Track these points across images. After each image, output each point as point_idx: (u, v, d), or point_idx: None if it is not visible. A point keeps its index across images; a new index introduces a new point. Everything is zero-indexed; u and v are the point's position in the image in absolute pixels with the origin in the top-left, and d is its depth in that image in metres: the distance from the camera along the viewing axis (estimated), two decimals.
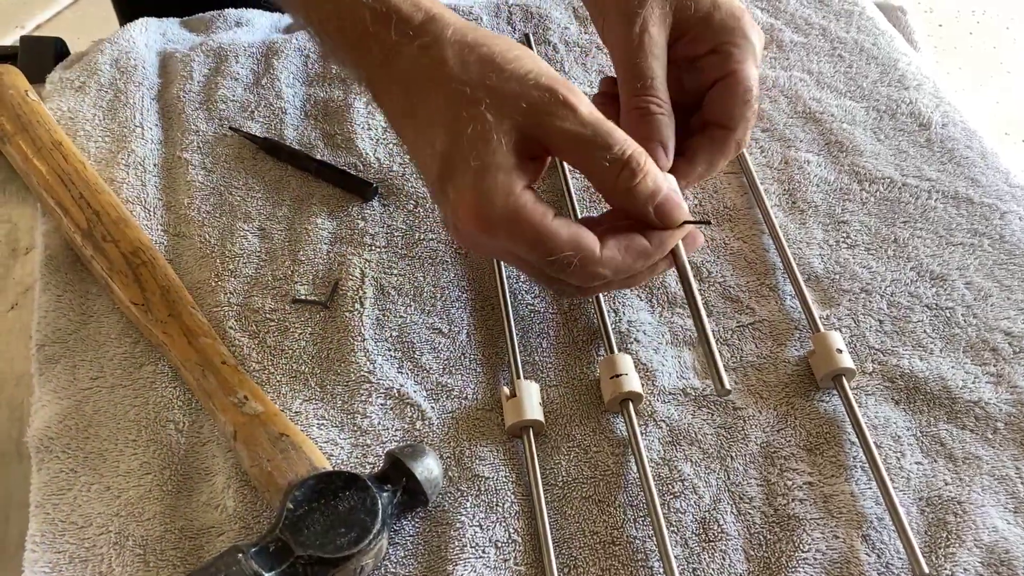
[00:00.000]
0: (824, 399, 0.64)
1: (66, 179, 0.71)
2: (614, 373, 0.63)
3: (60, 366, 0.65)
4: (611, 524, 0.59)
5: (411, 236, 0.73)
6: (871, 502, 0.59)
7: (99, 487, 0.60)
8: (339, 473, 0.57)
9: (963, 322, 0.68)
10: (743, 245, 0.72)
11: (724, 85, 0.64)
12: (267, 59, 0.84)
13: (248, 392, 0.61)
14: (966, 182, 0.76)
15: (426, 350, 0.67)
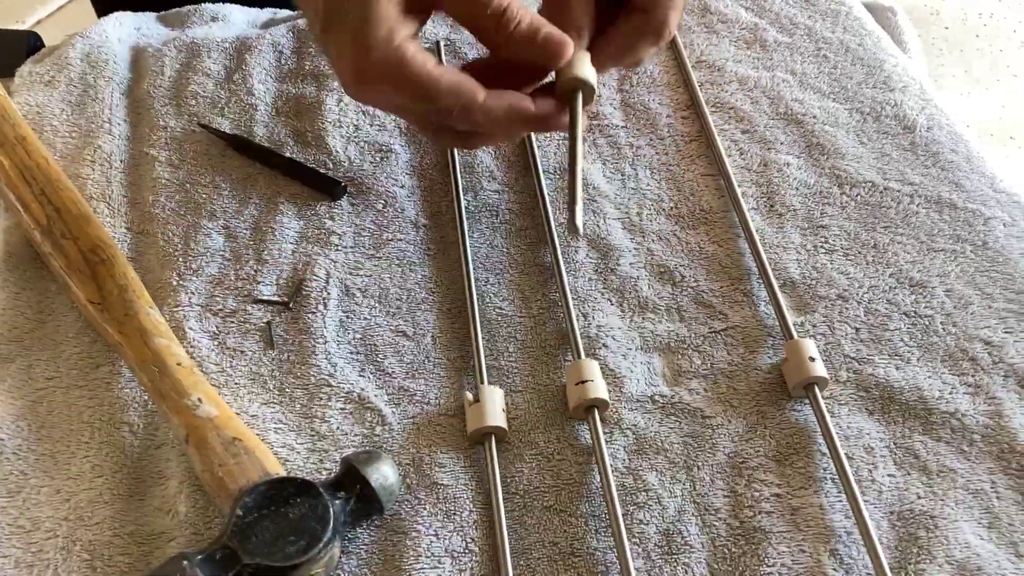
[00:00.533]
0: (796, 408, 0.62)
1: (28, 175, 0.70)
2: (580, 379, 0.61)
3: (15, 365, 0.64)
4: (572, 535, 0.57)
5: (379, 236, 0.71)
6: (840, 515, 0.58)
7: (49, 490, 0.59)
8: (291, 479, 0.55)
9: (942, 331, 0.66)
10: (718, 249, 0.71)
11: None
12: (240, 55, 0.82)
13: (203, 395, 0.60)
14: (950, 186, 0.74)
15: (389, 353, 0.65)
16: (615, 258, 0.70)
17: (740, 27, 0.86)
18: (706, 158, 0.76)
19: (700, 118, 0.78)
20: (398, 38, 0.56)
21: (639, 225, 0.72)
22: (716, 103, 0.80)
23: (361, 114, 0.79)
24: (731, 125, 0.78)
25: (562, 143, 0.78)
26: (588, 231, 0.72)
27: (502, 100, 0.59)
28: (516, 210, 0.73)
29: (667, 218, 0.73)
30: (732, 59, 0.83)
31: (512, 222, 0.73)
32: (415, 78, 0.56)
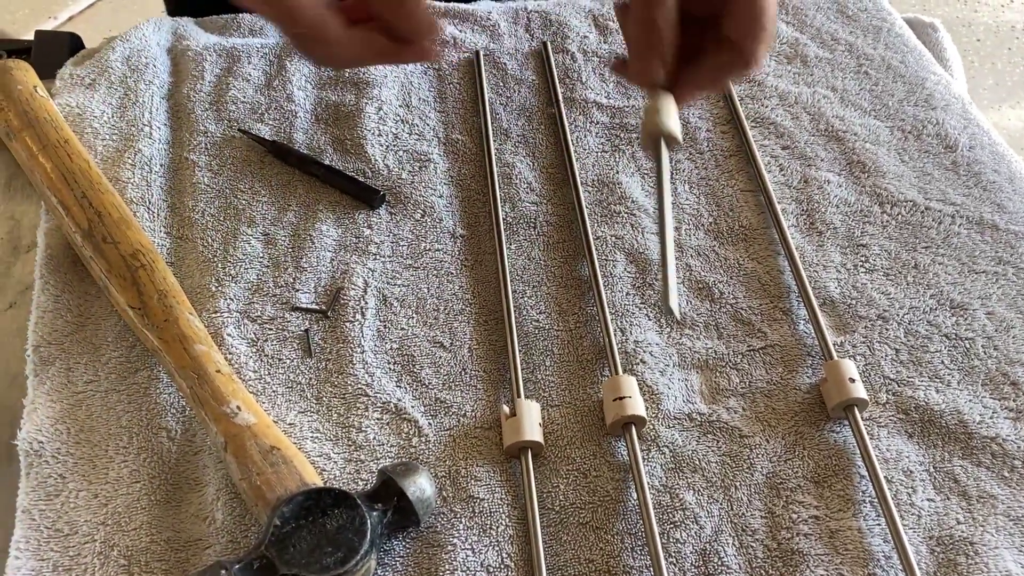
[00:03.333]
0: (835, 429, 0.62)
1: (70, 177, 0.70)
2: (617, 395, 0.61)
3: (55, 368, 0.64)
4: (608, 552, 0.57)
5: (417, 246, 0.71)
6: (879, 539, 0.57)
7: (87, 494, 0.59)
8: (329, 490, 0.55)
9: (983, 354, 0.65)
10: (757, 266, 0.70)
11: (738, 3, 0.62)
12: (280, 61, 0.83)
13: (241, 402, 0.60)
14: (992, 207, 0.73)
15: (426, 364, 0.65)
16: (653, 272, 0.70)
17: (781, 42, 0.86)
18: (745, 173, 0.76)
19: (740, 133, 0.78)
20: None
21: (677, 240, 0.72)
22: (756, 118, 0.80)
23: (400, 123, 0.79)
24: (771, 141, 0.78)
25: (601, 155, 0.77)
26: (626, 245, 0.71)
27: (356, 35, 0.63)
28: (554, 222, 0.73)
29: (706, 233, 0.72)
30: (773, 74, 0.83)
31: (549, 234, 0.73)
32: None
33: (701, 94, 0.64)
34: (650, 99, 0.62)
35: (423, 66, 0.84)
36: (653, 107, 0.61)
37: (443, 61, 0.84)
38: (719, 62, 0.62)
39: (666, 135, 0.60)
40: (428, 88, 0.82)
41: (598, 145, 0.78)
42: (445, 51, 0.64)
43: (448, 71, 0.84)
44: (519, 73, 0.84)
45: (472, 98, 0.82)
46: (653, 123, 0.60)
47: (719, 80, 0.64)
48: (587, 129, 0.79)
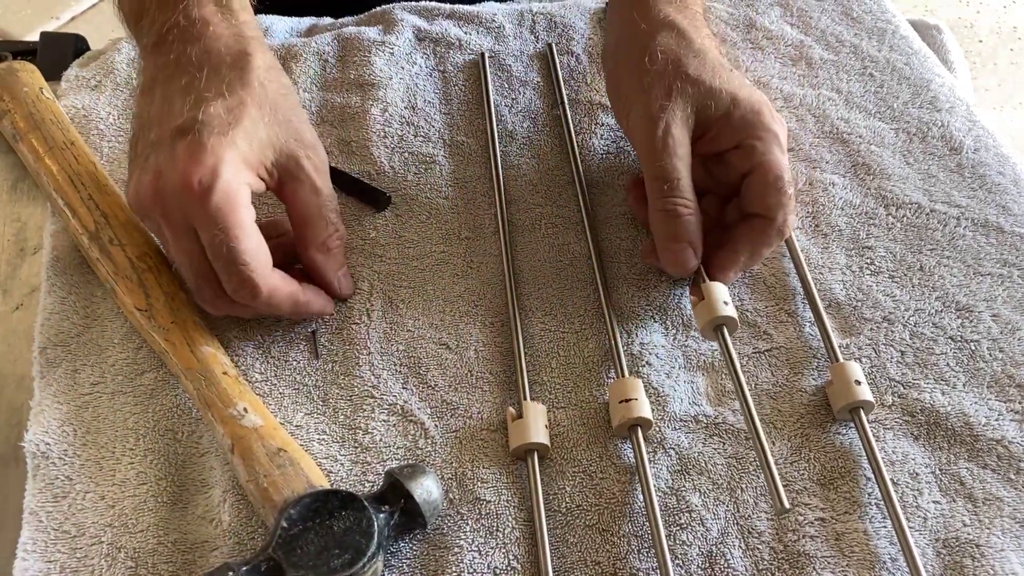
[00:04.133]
0: (840, 432, 0.62)
1: (76, 179, 0.70)
2: (623, 397, 0.61)
3: (61, 370, 0.65)
4: (614, 554, 0.57)
5: (423, 248, 0.71)
6: (885, 541, 0.57)
7: (94, 496, 0.59)
8: (336, 492, 0.56)
9: (988, 356, 0.65)
10: (762, 268, 0.70)
11: (755, 178, 0.65)
12: (285, 62, 0.83)
13: (248, 404, 0.60)
14: (997, 210, 0.73)
15: (432, 366, 0.65)
16: (658, 275, 0.70)
17: (786, 44, 0.86)
18: None
19: None
20: (243, 179, 0.60)
21: None
22: None
23: (406, 125, 0.79)
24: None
25: (606, 157, 0.78)
26: (631, 246, 0.71)
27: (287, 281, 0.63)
28: (559, 224, 0.73)
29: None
30: (778, 76, 0.83)
31: (555, 236, 0.73)
32: (233, 219, 0.58)
33: (739, 271, 0.67)
34: (692, 286, 0.65)
35: (428, 68, 0.84)
36: (706, 296, 0.63)
37: (448, 64, 0.84)
38: (750, 236, 0.65)
39: (724, 321, 0.62)
40: (433, 90, 0.82)
41: (603, 147, 0.78)
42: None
43: (453, 73, 0.84)
44: (524, 75, 0.84)
45: (477, 100, 0.82)
46: (709, 314, 0.62)
47: (756, 254, 0.66)
48: (592, 131, 0.79)
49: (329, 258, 0.66)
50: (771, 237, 0.65)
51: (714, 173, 0.68)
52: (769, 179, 0.64)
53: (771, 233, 0.65)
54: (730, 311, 0.62)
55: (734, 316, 0.62)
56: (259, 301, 0.61)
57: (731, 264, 0.66)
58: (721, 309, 0.62)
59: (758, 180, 0.64)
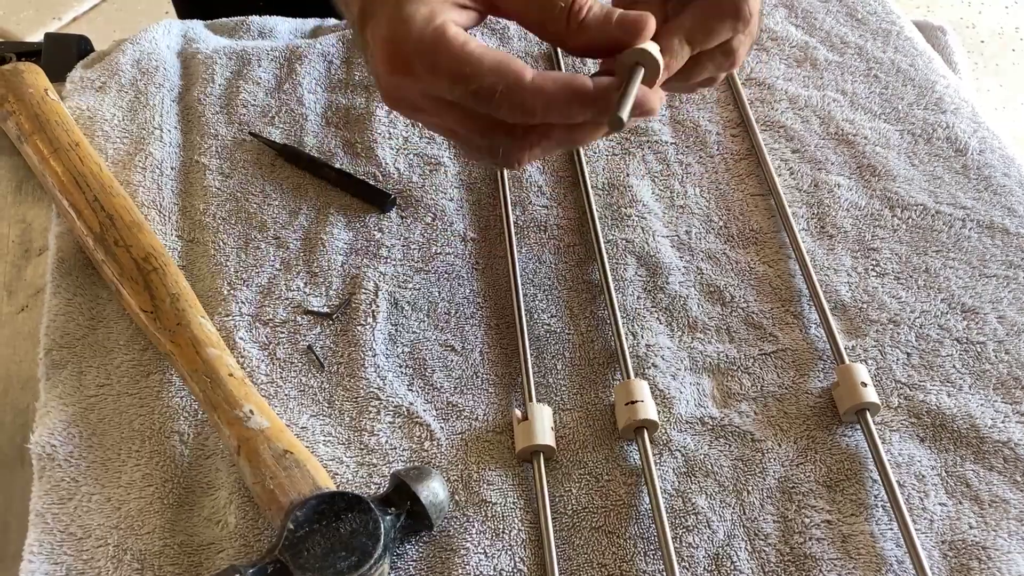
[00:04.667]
0: (847, 434, 0.62)
1: (81, 181, 0.70)
2: (629, 399, 0.61)
3: (67, 372, 0.65)
4: (620, 557, 0.57)
5: (428, 250, 0.71)
6: (891, 544, 0.57)
7: (100, 498, 0.59)
8: (342, 494, 0.56)
9: (994, 358, 0.65)
10: (768, 269, 0.70)
11: None
12: (290, 64, 0.83)
13: (254, 406, 0.60)
14: (1002, 211, 0.73)
15: (438, 368, 0.65)
16: (664, 276, 0.70)
17: (790, 45, 0.86)
18: (756, 177, 0.76)
19: (750, 136, 0.78)
20: (440, 18, 0.52)
21: (688, 243, 0.72)
22: (766, 121, 0.80)
23: (411, 126, 0.79)
24: (781, 144, 0.78)
25: (611, 158, 0.77)
26: (637, 248, 0.71)
27: (554, 78, 0.52)
28: (564, 226, 0.73)
29: (716, 237, 0.72)
30: (783, 77, 0.83)
31: (560, 238, 0.73)
32: (454, 55, 0.51)
33: (686, 45, 0.58)
34: None
35: None
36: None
37: None
38: (705, 11, 0.58)
39: (646, 54, 0.54)
40: None
41: (608, 148, 0.78)
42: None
43: None
44: None
45: None
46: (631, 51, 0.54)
47: (707, 29, 0.58)
48: None
49: (583, 24, 0.54)
50: (727, 10, 0.58)
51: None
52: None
53: (727, 5, 0.57)
54: (652, 47, 0.55)
55: (658, 56, 0.54)
56: (527, 96, 0.52)
57: (675, 27, 0.57)
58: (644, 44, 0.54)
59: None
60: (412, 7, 0.52)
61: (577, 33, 0.54)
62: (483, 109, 0.53)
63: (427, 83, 0.53)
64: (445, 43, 0.51)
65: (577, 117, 0.53)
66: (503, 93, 0.51)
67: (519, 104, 0.52)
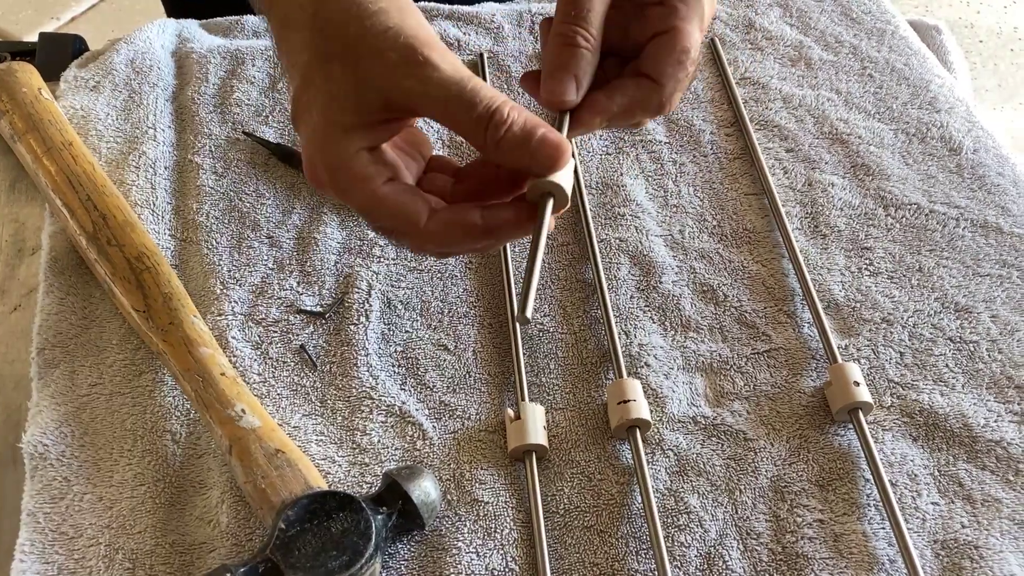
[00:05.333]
0: (839, 433, 0.62)
1: (74, 180, 0.70)
2: (622, 398, 0.61)
3: (59, 371, 0.65)
4: (612, 556, 0.57)
5: None
6: (884, 543, 0.57)
7: (92, 497, 0.59)
8: (334, 493, 0.55)
9: (987, 357, 0.65)
10: (761, 269, 0.70)
11: (662, 40, 0.58)
12: None
13: (246, 405, 0.60)
14: (996, 211, 0.73)
15: (430, 367, 0.65)
16: (657, 275, 0.70)
17: (785, 44, 0.86)
18: (750, 176, 0.76)
19: (744, 136, 0.78)
20: (352, 148, 0.53)
21: (681, 243, 0.72)
22: (760, 121, 0.80)
23: None
24: (775, 143, 0.78)
25: (604, 157, 0.77)
26: (630, 248, 0.71)
27: (446, 220, 0.54)
28: (558, 225, 0.73)
29: (710, 236, 0.72)
30: (777, 76, 0.83)
31: (554, 237, 0.73)
32: (359, 193, 0.53)
33: (603, 120, 0.59)
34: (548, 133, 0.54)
35: None
36: None
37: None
38: (633, 98, 0.58)
39: (555, 192, 0.53)
40: None
41: (602, 148, 0.78)
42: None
43: None
44: None
45: None
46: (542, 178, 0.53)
47: (629, 112, 0.58)
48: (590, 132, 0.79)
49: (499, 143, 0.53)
50: (652, 103, 0.58)
51: (629, 29, 0.60)
52: (675, 47, 0.58)
53: (653, 99, 0.58)
54: (563, 179, 0.53)
55: (567, 190, 0.53)
56: (430, 247, 0.55)
57: (601, 109, 0.57)
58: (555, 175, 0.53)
59: (664, 44, 0.58)
60: (328, 135, 0.53)
61: (494, 150, 0.53)
62: (387, 237, 0.57)
63: (340, 200, 0.55)
64: (352, 179, 0.53)
65: (472, 248, 0.56)
66: (400, 234, 0.55)
67: (416, 245, 0.55)
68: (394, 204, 0.53)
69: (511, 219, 0.54)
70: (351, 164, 0.53)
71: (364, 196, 0.53)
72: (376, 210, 0.54)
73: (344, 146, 0.53)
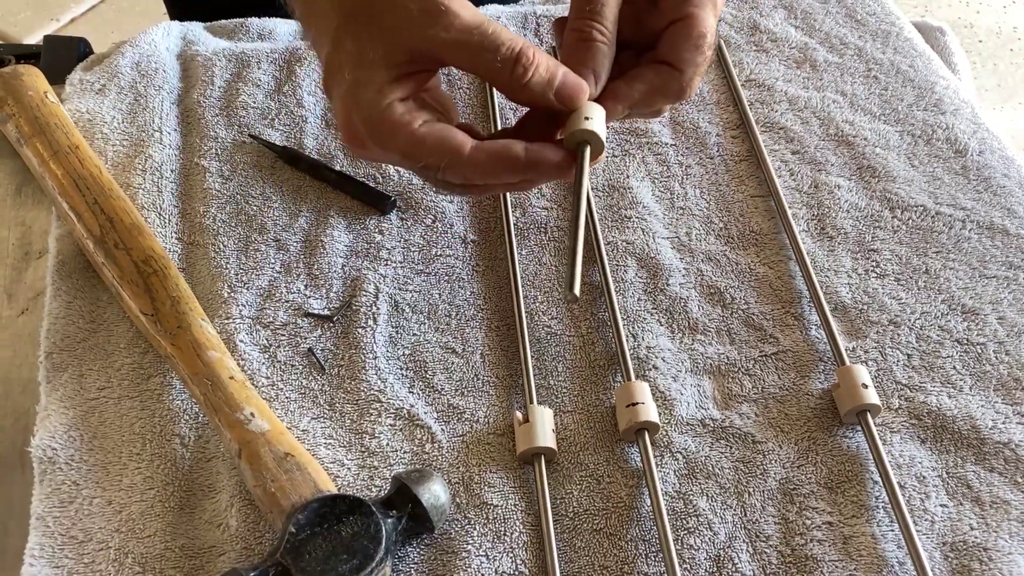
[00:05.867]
0: (847, 435, 0.62)
1: (81, 184, 0.70)
2: (630, 401, 0.61)
3: (67, 375, 0.65)
4: (622, 559, 0.57)
5: (428, 252, 0.71)
6: (893, 545, 0.57)
7: (101, 501, 0.59)
8: (343, 497, 0.56)
9: (994, 359, 0.65)
10: (768, 271, 0.70)
11: (679, 26, 0.61)
12: (290, 66, 0.83)
13: (255, 409, 0.60)
14: (1002, 212, 0.73)
15: (439, 370, 0.65)
16: (664, 278, 0.70)
17: (790, 46, 0.86)
18: (756, 179, 0.76)
19: (750, 138, 0.78)
20: (386, 100, 0.55)
21: (688, 245, 0.72)
22: (766, 123, 0.80)
23: None
24: (781, 145, 0.78)
25: (611, 160, 0.78)
26: (637, 250, 0.71)
27: (488, 150, 0.57)
28: (565, 227, 0.73)
29: (716, 238, 0.73)
30: (782, 78, 0.83)
31: (560, 240, 0.73)
32: (400, 137, 0.56)
33: (626, 107, 0.61)
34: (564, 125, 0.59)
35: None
36: (580, 112, 0.58)
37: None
38: (653, 84, 0.61)
39: (589, 138, 0.58)
40: None
41: (608, 150, 0.78)
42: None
43: (457, 76, 0.84)
44: None
45: (482, 103, 0.82)
46: (574, 126, 0.58)
47: (649, 100, 0.61)
48: None
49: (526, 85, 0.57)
50: (671, 89, 0.61)
51: (642, 19, 0.63)
52: (692, 33, 0.60)
53: (673, 85, 0.61)
54: (598, 128, 0.58)
55: (602, 136, 0.58)
56: (476, 188, 0.60)
57: (623, 96, 0.60)
58: (589, 124, 0.58)
59: (681, 30, 0.61)
60: (361, 91, 0.56)
61: (520, 92, 0.57)
62: (430, 177, 0.60)
63: (381, 157, 0.59)
64: (390, 126, 0.56)
65: (512, 180, 0.58)
66: (445, 167, 0.57)
67: (460, 174, 0.58)
68: (436, 138, 0.56)
69: (552, 157, 0.58)
70: (387, 113, 0.56)
71: (404, 139, 0.56)
72: (418, 150, 0.56)
73: (378, 99, 0.56)
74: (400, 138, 0.56)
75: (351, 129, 0.57)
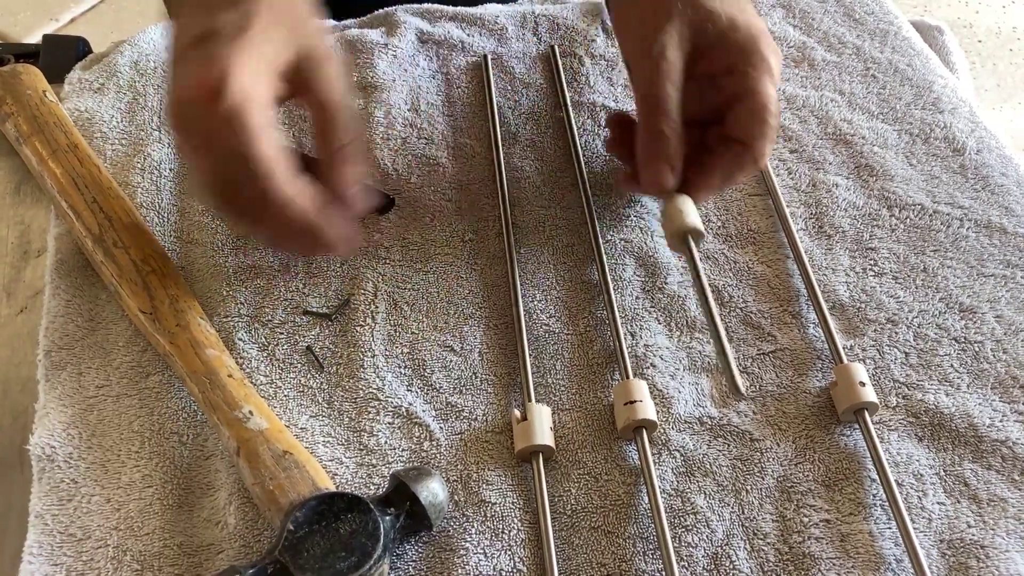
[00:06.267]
0: (845, 433, 0.62)
1: (80, 182, 0.70)
2: (628, 399, 0.61)
3: (66, 373, 0.65)
4: (620, 556, 0.57)
5: (427, 250, 0.71)
6: (890, 543, 0.57)
7: (100, 499, 0.59)
8: (342, 495, 0.56)
9: (992, 357, 0.65)
10: (767, 269, 0.70)
11: (742, 104, 0.64)
12: None
13: (253, 407, 0.60)
14: (1000, 211, 0.73)
15: (437, 368, 0.65)
16: (663, 276, 0.70)
17: (788, 45, 0.86)
18: (754, 177, 0.76)
19: None
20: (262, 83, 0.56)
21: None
22: None
23: (409, 127, 0.79)
24: (779, 144, 0.78)
25: (610, 159, 0.78)
26: (636, 248, 0.72)
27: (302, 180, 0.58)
28: (563, 226, 0.73)
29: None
30: (780, 77, 0.83)
31: (559, 238, 0.73)
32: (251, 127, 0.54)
33: (713, 193, 0.68)
34: (665, 203, 0.65)
35: (431, 70, 0.84)
36: (673, 207, 0.64)
37: (451, 66, 0.84)
38: (727, 161, 0.65)
39: (691, 231, 0.63)
40: (436, 92, 0.82)
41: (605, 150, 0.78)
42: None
43: (456, 75, 0.84)
44: (527, 77, 0.84)
45: (480, 102, 0.82)
46: (678, 223, 0.63)
47: (730, 178, 0.66)
48: (595, 132, 0.79)
49: (344, 166, 0.61)
50: (747, 164, 0.65)
51: (704, 95, 0.67)
52: (755, 107, 0.63)
53: (747, 160, 0.65)
54: (695, 221, 0.63)
55: (701, 228, 0.63)
56: (275, 207, 0.56)
57: (704, 185, 0.66)
58: (689, 218, 0.63)
59: (744, 107, 0.64)
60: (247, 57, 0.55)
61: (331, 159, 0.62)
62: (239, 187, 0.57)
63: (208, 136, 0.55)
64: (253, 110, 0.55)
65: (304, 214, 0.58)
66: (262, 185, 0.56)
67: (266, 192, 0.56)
68: (273, 151, 0.56)
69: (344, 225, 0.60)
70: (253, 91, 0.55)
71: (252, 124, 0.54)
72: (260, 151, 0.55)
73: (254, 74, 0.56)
74: (253, 127, 0.54)
75: (214, 88, 0.54)
